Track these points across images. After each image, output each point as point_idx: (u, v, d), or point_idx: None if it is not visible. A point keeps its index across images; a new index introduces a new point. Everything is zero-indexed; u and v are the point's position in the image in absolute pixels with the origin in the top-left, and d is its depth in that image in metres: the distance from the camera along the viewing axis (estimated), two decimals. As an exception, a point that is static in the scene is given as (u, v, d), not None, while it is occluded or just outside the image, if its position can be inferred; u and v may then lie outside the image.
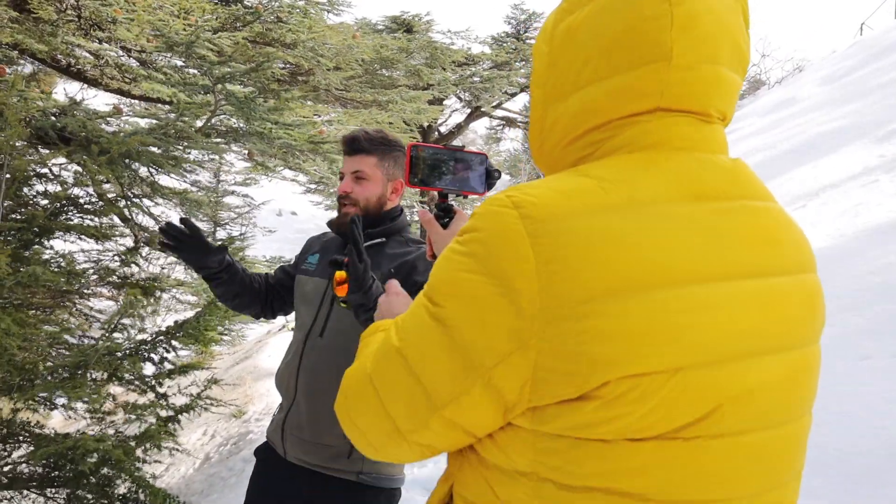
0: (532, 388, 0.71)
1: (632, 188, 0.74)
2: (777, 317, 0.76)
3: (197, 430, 7.06)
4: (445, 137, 16.07)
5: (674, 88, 0.76)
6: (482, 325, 0.71)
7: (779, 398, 0.76)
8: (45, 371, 3.19)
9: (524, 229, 0.70)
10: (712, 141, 0.80)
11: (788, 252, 0.80)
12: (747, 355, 0.73)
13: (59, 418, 5.68)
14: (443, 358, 0.74)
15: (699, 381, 0.70)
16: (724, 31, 0.77)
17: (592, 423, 0.70)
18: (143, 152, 3.65)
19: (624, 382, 0.68)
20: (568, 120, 0.81)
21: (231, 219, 10.52)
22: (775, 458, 0.76)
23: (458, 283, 0.73)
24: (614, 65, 0.77)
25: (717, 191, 0.77)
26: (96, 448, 2.90)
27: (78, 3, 3.82)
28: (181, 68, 4.57)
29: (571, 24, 0.81)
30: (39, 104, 3.61)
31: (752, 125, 10.37)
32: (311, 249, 2.04)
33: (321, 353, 1.84)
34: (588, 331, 0.68)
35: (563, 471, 0.72)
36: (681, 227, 0.73)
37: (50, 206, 3.56)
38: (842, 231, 4.34)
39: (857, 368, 2.80)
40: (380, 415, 0.80)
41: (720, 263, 0.73)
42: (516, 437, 0.75)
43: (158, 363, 3.73)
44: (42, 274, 2.96)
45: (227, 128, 4.55)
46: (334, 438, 1.78)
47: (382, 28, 13.35)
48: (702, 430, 0.70)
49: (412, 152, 1.17)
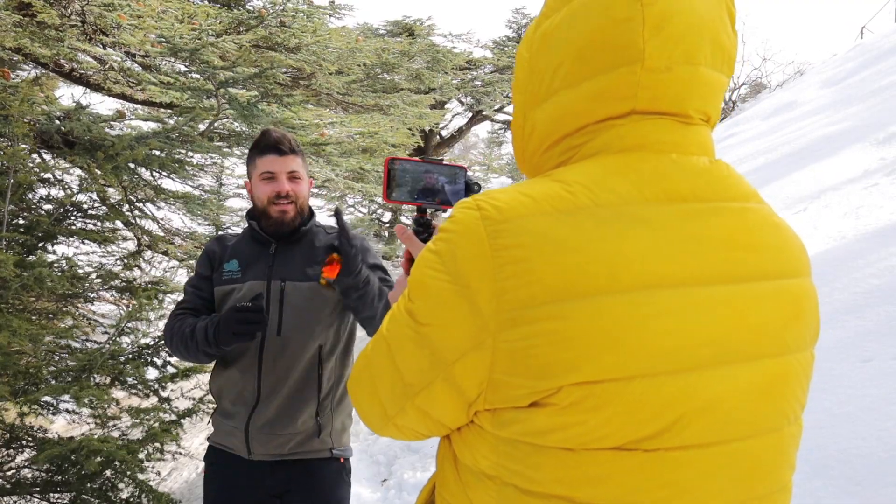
0: (489, 389, 0.71)
1: (599, 191, 0.72)
2: (750, 324, 0.73)
3: (199, 434, 7.07)
4: (447, 141, 16.09)
5: (648, 91, 0.74)
6: (444, 322, 0.72)
7: (751, 408, 0.73)
8: (49, 375, 3.20)
9: (484, 230, 0.70)
10: (692, 143, 0.78)
11: (768, 256, 0.76)
12: (713, 364, 0.70)
13: (63, 423, 5.69)
14: (414, 350, 0.76)
15: (659, 390, 0.68)
16: (703, 30, 0.74)
17: (547, 430, 0.69)
18: (148, 156, 3.67)
19: (577, 390, 0.67)
20: (545, 125, 0.80)
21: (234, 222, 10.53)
22: (750, 470, 0.73)
23: (425, 281, 0.74)
24: (588, 69, 0.75)
25: (690, 192, 0.75)
26: (100, 449, 2.90)
27: (82, 9, 3.84)
28: (185, 73, 4.60)
29: (547, 29, 0.80)
30: (44, 108, 3.63)
31: (754, 128, 10.38)
32: (224, 257, 1.98)
33: (283, 349, 1.88)
34: (540, 335, 0.67)
35: (524, 476, 0.72)
36: (646, 230, 0.71)
37: (54, 211, 3.58)
38: (843, 234, 4.34)
39: (858, 371, 2.80)
40: (373, 397, 0.83)
41: (686, 267, 0.71)
42: (482, 438, 0.75)
43: (161, 367, 3.73)
44: (46, 277, 2.97)
45: (229, 131, 4.57)
46: (303, 424, 1.87)
47: (384, 32, 13.39)
48: (664, 441, 0.68)
49: (389, 166, 1.14)
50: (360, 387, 0.86)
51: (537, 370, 0.67)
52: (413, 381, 0.77)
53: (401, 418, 0.81)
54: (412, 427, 0.82)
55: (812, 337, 0.81)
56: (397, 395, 0.79)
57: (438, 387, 0.75)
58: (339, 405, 1.96)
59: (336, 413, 1.94)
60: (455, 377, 0.73)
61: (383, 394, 0.81)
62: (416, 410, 0.79)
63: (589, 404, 0.67)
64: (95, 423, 3.78)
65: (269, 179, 1.90)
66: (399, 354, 0.78)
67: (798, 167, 6.39)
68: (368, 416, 0.86)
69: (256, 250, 1.96)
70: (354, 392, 0.87)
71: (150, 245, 4.81)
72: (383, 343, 0.80)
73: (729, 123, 12.87)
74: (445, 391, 0.74)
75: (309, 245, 1.96)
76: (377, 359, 0.82)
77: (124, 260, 4.28)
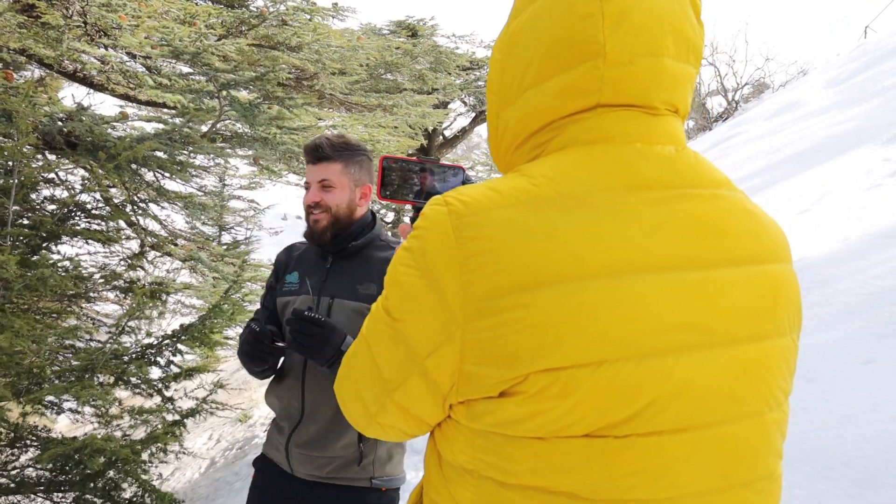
0: (461, 380, 0.73)
1: (563, 182, 0.74)
2: (721, 308, 0.73)
3: (202, 434, 7.08)
4: (450, 141, 16.09)
5: (612, 84, 0.75)
6: (416, 316, 0.74)
7: (727, 393, 0.72)
8: (52, 375, 3.21)
9: (450, 224, 0.72)
10: (658, 133, 0.79)
11: (741, 242, 0.76)
12: (684, 348, 0.70)
13: (66, 423, 5.70)
14: (390, 346, 0.78)
15: (626, 375, 0.68)
16: (663, 23, 0.76)
17: (518, 419, 0.70)
18: (150, 157, 3.67)
19: (543, 377, 0.68)
20: (515, 123, 0.82)
21: (236, 223, 10.55)
22: (728, 455, 0.73)
23: (398, 278, 0.76)
24: (553, 66, 0.77)
25: (655, 180, 0.75)
26: (104, 448, 2.91)
27: (84, 10, 3.84)
28: (186, 75, 4.61)
29: (515, 29, 0.82)
30: (47, 109, 3.64)
31: (757, 128, 10.36)
32: (287, 268, 1.97)
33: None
34: (507, 324, 0.68)
35: (499, 468, 0.73)
36: (611, 218, 0.71)
37: (58, 212, 3.59)
38: (846, 235, 4.33)
39: (861, 372, 2.80)
40: (355, 396, 0.85)
41: (653, 253, 0.71)
42: (459, 432, 0.77)
43: (164, 367, 3.74)
44: (50, 277, 2.98)
45: (231, 133, 4.58)
46: (343, 449, 1.80)
47: (387, 32, 13.39)
48: (634, 426, 0.69)
49: (384, 164, 1.15)
50: (344, 386, 0.87)
51: (505, 359, 0.69)
52: (391, 377, 0.78)
53: (382, 416, 0.82)
54: (394, 425, 0.83)
55: (792, 323, 0.80)
56: (378, 392, 0.81)
57: (414, 381, 0.76)
58: None
59: (381, 441, 1.83)
60: (429, 371, 0.74)
61: (365, 392, 0.83)
62: (395, 407, 0.80)
63: (556, 390, 0.68)
64: (98, 422, 3.80)
65: (307, 188, 1.88)
66: (377, 351, 0.79)
67: (801, 168, 6.37)
68: (353, 415, 0.87)
69: (315, 263, 1.91)
70: (339, 392, 0.89)
71: (154, 246, 4.83)
72: (363, 342, 0.82)
73: (732, 123, 12.85)
74: (421, 385, 0.76)
75: (366, 260, 1.86)
76: (359, 358, 0.83)
77: (127, 260, 4.29)
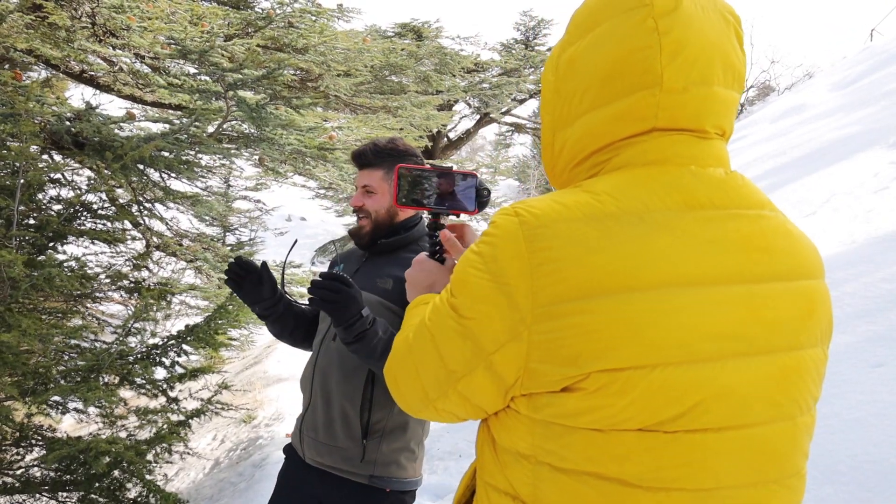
0: (526, 375, 0.80)
1: (624, 199, 0.81)
2: (764, 320, 0.80)
3: (207, 434, 7.09)
4: (455, 143, 16.11)
5: (667, 111, 0.83)
6: (484, 316, 0.81)
7: (765, 397, 0.80)
8: (58, 375, 3.22)
9: (521, 233, 0.80)
10: (708, 156, 0.86)
11: (781, 259, 0.84)
12: (729, 355, 0.78)
13: (71, 422, 5.72)
14: (457, 341, 0.85)
15: (678, 378, 0.76)
16: (714, 53, 0.84)
17: (577, 412, 0.78)
18: (156, 157, 3.68)
19: (603, 376, 0.76)
20: (573, 144, 0.90)
21: (241, 223, 10.57)
22: (763, 454, 0.80)
23: (468, 279, 0.84)
24: (611, 92, 0.85)
25: (707, 200, 0.83)
26: (108, 450, 2.92)
27: (93, 11, 3.86)
28: (194, 75, 4.62)
29: (572, 55, 0.89)
30: (54, 109, 3.66)
31: (762, 131, 10.34)
32: (337, 262, 2.10)
33: (332, 356, 1.90)
34: (570, 327, 0.76)
35: (558, 455, 0.80)
36: (667, 234, 0.79)
37: (64, 212, 3.60)
38: (853, 237, 4.31)
39: (869, 376, 2.78)
40: (415, 381, 0.92)
41: (704, 268, 0.79)
42: (518, 421, 0.84)
43: (169, 367, 3.75)
44: (56, 277, 2.99)
45: (238, 133, 4.58)
46: (346, 440, 1.83)
47: (392, 34, 13.41)
48: (683, 424, 0.76)
49: (399, 173, 1.21)
50: (402, 370, 0.94)
51: (568, 359, 0.76)
52: (456, 369, 0.85)
53: (442, 402, 0.90)
54: (451, 410, 0.91)
55: (824, 335, 0.87)
56: (441, 380, 0.88)
57: (479, 374, 0.84)
58: (391, 434, 1.85)
59: (386, 442, 1.85)
60: (495, 365, 0.82)
61: (426, 379, 0.90)
62: (457, 395, 0.88)
63: (614, 389, 0.76)
64: (103, 422, 3.80)
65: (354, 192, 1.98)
66: (443, 344, 0.87)
67: (807, 171, 6.35)
68: (407, 398, 0.95)
69: (355, 257, 2.03)
70: (395, 375, 0.96)
71: (159, 246, 4.84)
72: (427, 333, 0.89)
73: (737, 126, 12.82)
74: (486, 378, 0.83)
75: (396, 258, 1.92)
76: (421, 347, 0.90)
77: (133, 260, 4.30)
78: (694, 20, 0.83)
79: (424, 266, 1.21)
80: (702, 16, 0.84)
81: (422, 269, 1.20)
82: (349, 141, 5.19)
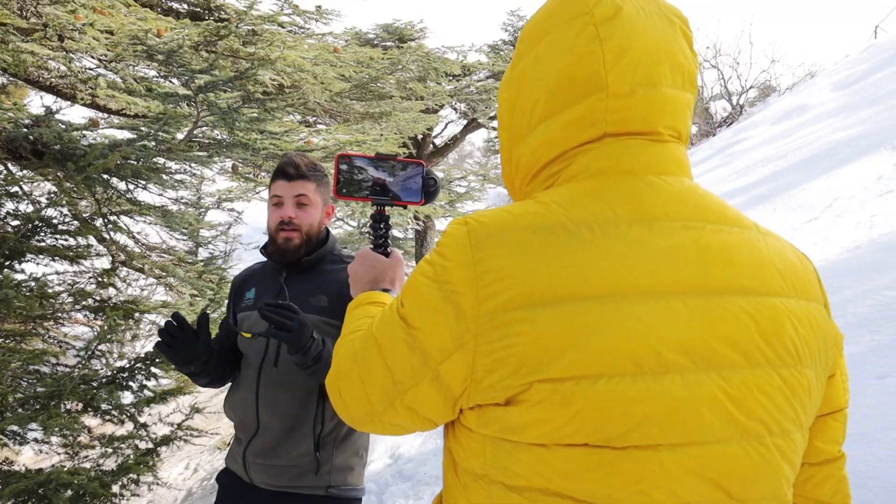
0: (472, 386, 0.83)
1: (573, 208, 0.84)
2: (720, 334, 0.80)
3: (179, 463, 7.01)
4: (441, 150, 16.14)
5: (616, 114, 0.87)
6: (432, 324, 0.84)
7: (721, 414, 0.79)
8: (15, 402, 3.18)
9: (469, 242, 0.84)
10: (664, 160, 0.89)
11: (744, 273, 0.84)
12: (681, 369, 0.78)
13: (30, 454, 5.63)
14: (404, 351, 0.87)
15: (625, 390, 0.77)
16: (660, 55, 0.87)
17: (521, 426, 0.79)
18: (123, 165, 3.65)
19: (545, 386, 0.77)
20: (529, 156, 0.94)
21: (213, 237, 10.50)
22: (722, 473, 0.79)
23: (416, 288, 0.87)
24: (561, 101, 0.89)
25: (662, 212, 0.85)
26: (71, 482, 2.88)
27: (37, 9, 3.83)
28: (160, 80, 4.60)
29: (523, 69, 0.94)
30: (11, 115, 3.63)
31: (763, 133, 10.45)
32: (246, 285, 2.08)
33: (278, 382, 1.93)
34: (515, 335, 0.78)
35: (509, 472, 0.82)
36: (618, 243, 0.81)
37: (22, 227, 3.57)
38: (857, 243, 4.36)
39: (874, 388, 2.81)
40: (360, 393, 0.94)
41: (657, 278, 0.80)
42: (472, 440, 0.86)
43: (137, 391, 3.71)
44: (13, 298, 2.96)
45: (209, 139, 4.56)
46: (299, 458, 1.90)
47: (374, 37, 13.45)
48: (633, 439, 0.77)
49: (340, 162, 1.19)
50: (346, 382, 0.96)
51: (511, 368, 0.79)
52: (403, 380, 0.88)
53: (389, 415, 0.92)
54: (398, 423, 0.93)
55: (811, 357, 0.87)
56: (388, 392, 0.90)
57: (427, 384, 0.86)
58: (342, 442, 1.95)
59: (339, 450, 1.95)
60: (442, 375, 0.84)
61: (372, 391, 0.92)
62: (404, 407, 0.90)
63: (556, 400, 0.77)
64: (66, 453, 3.75)
65: (277, 205, 1.96)
66: (390, 355, 0.89)
67: (809, 174, 6.43)
68: (352, 410, 0.97)
69: (270, 278, 2.02)
70: (339, 387, 0.98)
71: (125, 261, 4.80)
72: (374, 343, 0.92)
73: (736, 129, 12.97)
74: (433, 388, 0.86)
75: (318, 274, 1.98)
76: (367, 358, 0.93)
77: (98, 278, 4.26)
78: (636, 24, 0.87)
79: (367, 260, 1.24)
80: (644, 19, 0.88)
81: (365, 263, 1.23)
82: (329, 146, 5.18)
